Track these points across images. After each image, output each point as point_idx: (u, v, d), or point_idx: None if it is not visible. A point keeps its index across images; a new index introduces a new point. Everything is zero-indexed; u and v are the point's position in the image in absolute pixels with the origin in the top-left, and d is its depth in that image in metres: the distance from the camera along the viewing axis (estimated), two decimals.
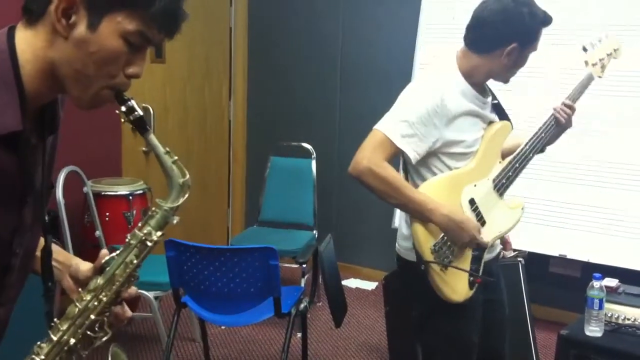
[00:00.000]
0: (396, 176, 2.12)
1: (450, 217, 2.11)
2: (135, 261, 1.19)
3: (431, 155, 2.17)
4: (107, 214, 3.67)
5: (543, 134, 2.34)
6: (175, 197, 1.19)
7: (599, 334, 2.81)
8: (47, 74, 1.09)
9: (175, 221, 1.20)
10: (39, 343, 1.18)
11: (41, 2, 1.06)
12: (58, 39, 1.07)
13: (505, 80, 2.28)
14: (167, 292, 3.30)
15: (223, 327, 3.88)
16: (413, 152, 2.12)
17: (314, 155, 4.46)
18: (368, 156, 2.09)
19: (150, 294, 3.32)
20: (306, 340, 3.23)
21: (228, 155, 5.24)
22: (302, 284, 3.95)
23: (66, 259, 1.31)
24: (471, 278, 2.20)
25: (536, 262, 3.90)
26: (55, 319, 1.20)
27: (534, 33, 2.17)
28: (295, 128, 5.01)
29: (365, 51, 4.72)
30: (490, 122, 2.28)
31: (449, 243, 2.16)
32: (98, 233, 3.53)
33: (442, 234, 2.15)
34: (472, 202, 2.22)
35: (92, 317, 1.19)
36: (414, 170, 2.23)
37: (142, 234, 1.19)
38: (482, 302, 2.30)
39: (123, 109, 1.13)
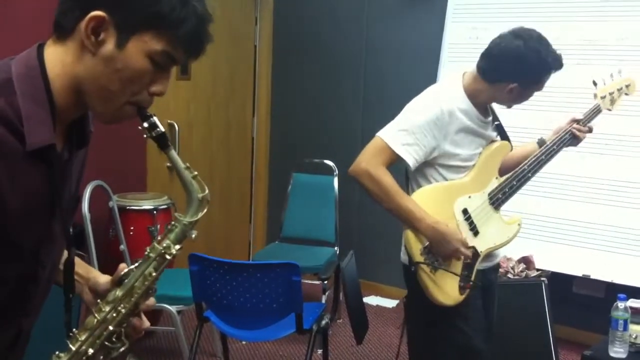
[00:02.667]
0: (390, 182, 2.24)
1: (436, 228, 2.22)
2: (154, 274, 1.21)
3: (428, 165, 2.30)
4: (132, 228, 3.71)
5: (543, 157, 2.44)
6: (194, 211, 1.21)
7: (623, 356, 2.78)
8: (74, 89, 1.12)
9: (193, 235, 1.21)
10: (57, 352, 1.20)
11: (72, 19, 1.09)
12: (86, 54, 1.10)
13: (508, 106, 2.41)
14: (189, 306, 3.33)
15: (244, 343, 3.89)
16: (412, 159, 2.25)
17: (336, 172, 4.48)
18: (367, 159, 2.25)
19: (172, 308, 3.34)
20: (327, 357, 3.23)
21: (251, 171, 5.28)
22: (324, 301, 3.95)
23: (85, 272, 1.32)
24: (461, 283, 2.27)
25: (559, 282, 3.87)
26: (74, 329, 1.21)
27: (537, 77, 2.27)
28: (317, 145, 5.03)
29: (389, 69, 4.74)
30: (492, 141, 2.39)
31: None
32: (122, 247, 3.57)
33: None
34: (465, 211, 2.32)
35: (111, 328, 1.20)
36: (413, 178, 2.36)
37: (161, 248, 1.20)
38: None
39: (145, 125, 1.15)
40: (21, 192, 1.07)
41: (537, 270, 3.61)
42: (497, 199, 2.37)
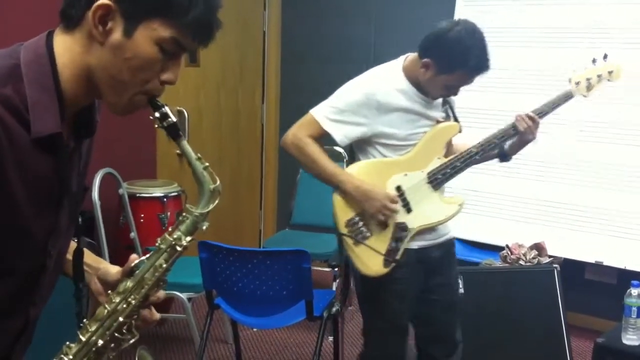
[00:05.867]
0: (315, 150, 2.37)
1: (360, 186, 2.31)
2: (164, 265, 1.20)
3: (367, 143, 2.38)
4: (142, 215, 3.72)
5: (496, 140, 2.43)
6: (206, 203, 1.20)
7: (637, 343, 2.76)
8: (84, 78, 1.11)
9: (205, 227, 1.21)
10: (67, 343, 1.20)
11: (79, 8, 1.08)
12: (94, 44, 1.08)
13: (431, 96, 2.37)
14: (200, 293, 3.33)
15: (255, 330, 3.90)
16: (339, 134, 2.35)
17: (346, 158, 4.45)
18: (294, 132, 2.41)
19: (183, 296, 3.35)
20: (338, 343, 3.23)
21: (260, 158, 5.27)
22: (334, 288, 3.95)
23: (94, 262, 1.32)
24: (388, 257, 2.34)
25: (572, 268, 3.84)
26: (84, 320, 1.21)
27: (450, 64, 2.25)
28: None
29: (398, 55, 4.69)
30: (438, 122, 2.41)
31: (364, 221, 2.34)
32: (133, 234, 3.57)
33: (358, 211, 2.34)
34: (398, 188, 2.36)
35: (121, 319, 1.20)
36: (356, 157, 2.44)
37: (172, 239, 1.20)
38: (423, 287, 2.44)
39: (157, 114, 1.14)
40: (28, 180, 1.07)
41: (550, 256, 3.59)
42: (437, 179, 2.39)
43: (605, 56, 2.53)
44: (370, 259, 2.34)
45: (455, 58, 2.23)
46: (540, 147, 3.90)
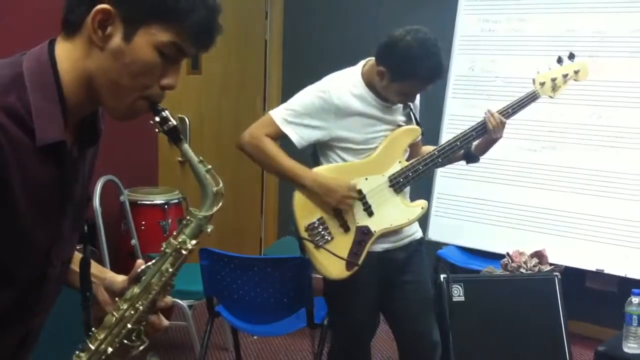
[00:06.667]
0: (272, 148, 2.38)
1: (318, 180, 2.34)
2: (170, 270, 1.20)
3: (328, 147, 2.41)
4: (143, 222, 3.72)
5: (458, 142, 2.42)
6: (209, 205, 1.19)
7: (638, 351, 2.76)
8: (85, 84, 1.10)
9: (209, 230, 1.20)
10: (77, 352, 1.20)
11: (79, 14, 1.08)
12: (94, 49, 1.08)
13: (391, 101, 2.39)
14: (200, 300, 3.33)
15: (256, 337, 3.89)
16: (296, 135, 2.36)
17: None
18: (251, 131, 2.41)
19: (184, 303, 3.35)
20: None
21: None
22: None
23: (100, 272, 1.32)
24: (350, 259, 2.36)
25: (572, 276, 3.83)
26: (92, 328, 1.21)
27: (401, 73, 2.27)
28: None
29: None
30: (399, 125, 2.44)
31: (324, 225, 2.36)
32: (134, 242, 3.58)
33: (319, 216, 2.36)
34: (359, 192, 2.38)
35: (129, 326, 1.20)
36: (318, 161, 2.46)
37: (177, 243, 1.19)
38: (392, 285, 2.49)
39: (157, 119, 1.14)
40: (31, 188, 1.07)
41: (550, 264, 3.58)
42: (398, 182, 2.41)
43: (571, 56, 2.53)
44: (332, 263, 2.37)
45: (405, 68, 2.26)
46: (542, 155, 3.92)
